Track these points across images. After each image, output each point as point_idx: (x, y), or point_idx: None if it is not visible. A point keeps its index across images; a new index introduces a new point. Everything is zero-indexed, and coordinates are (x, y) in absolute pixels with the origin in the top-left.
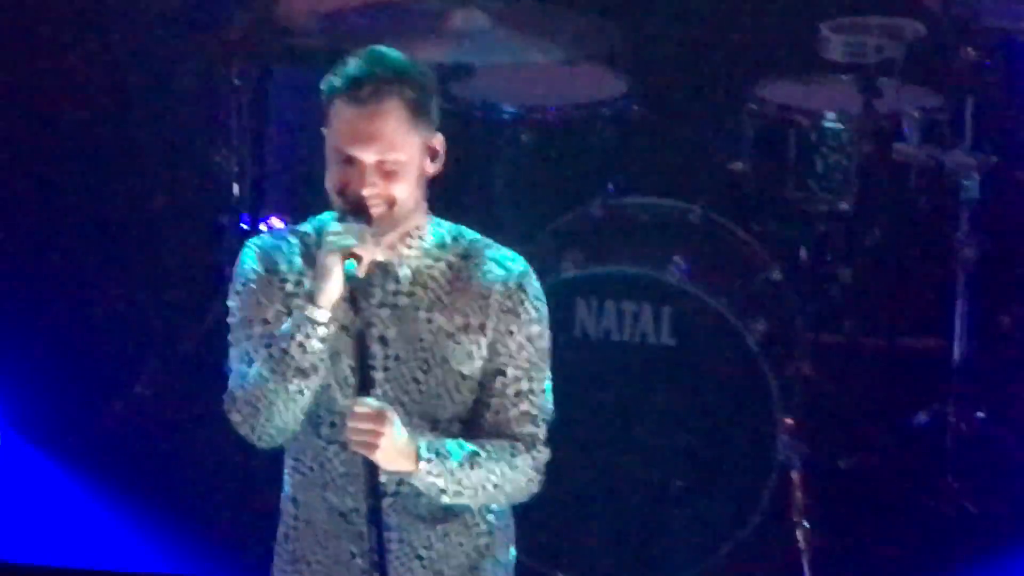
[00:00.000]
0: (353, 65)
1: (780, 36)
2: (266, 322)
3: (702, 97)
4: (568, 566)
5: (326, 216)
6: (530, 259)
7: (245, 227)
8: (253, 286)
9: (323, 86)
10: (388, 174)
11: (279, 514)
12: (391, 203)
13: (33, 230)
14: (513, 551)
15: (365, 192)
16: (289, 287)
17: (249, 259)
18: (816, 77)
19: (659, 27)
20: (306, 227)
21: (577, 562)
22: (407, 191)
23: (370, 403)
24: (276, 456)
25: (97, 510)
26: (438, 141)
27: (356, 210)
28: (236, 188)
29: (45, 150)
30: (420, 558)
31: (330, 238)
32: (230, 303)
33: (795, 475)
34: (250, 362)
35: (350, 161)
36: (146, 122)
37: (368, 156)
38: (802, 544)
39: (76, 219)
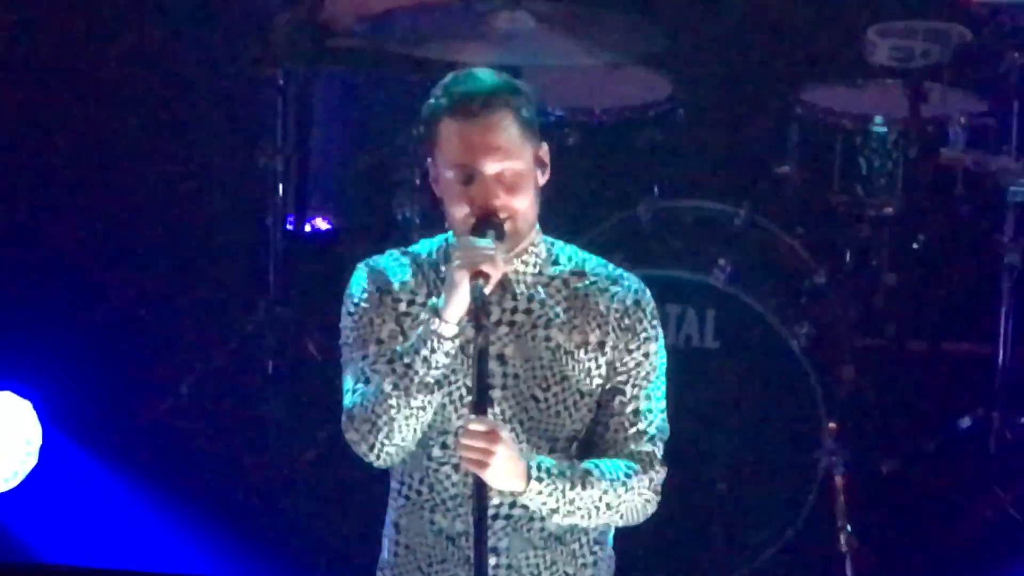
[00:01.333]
0: (454, 85)
1: (826, 40)
2: (380, 341)
3: (748, 101)
4: None
5: (437, 239)
6: None
7: (290, 228)
8: (366, 305)
9: (425, 111)
10: (509, 187)
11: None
12: (514, 216)
13: (79, 231)
14: None
15: (496, 203)
16: (402, 306)
17: (361, 280)
18: (862, 81)
19: (705, 30)
20: (417, 248)
21: (618, 565)
22: (527, 203)
23: (482, 421)
24: (321, 460)
25: (141, 511)
26: (544, 151)
27: (486, 225)
28: (281, 189)
29: (89, 153)
30: None
31: (458, 254)
32: (342, 325)
33: (838, 479)
34: (366, 381)
35: (470, 179)
36: (191, 123)
37: (490, 167)
38: (845, 548)
39: (122, 220)
